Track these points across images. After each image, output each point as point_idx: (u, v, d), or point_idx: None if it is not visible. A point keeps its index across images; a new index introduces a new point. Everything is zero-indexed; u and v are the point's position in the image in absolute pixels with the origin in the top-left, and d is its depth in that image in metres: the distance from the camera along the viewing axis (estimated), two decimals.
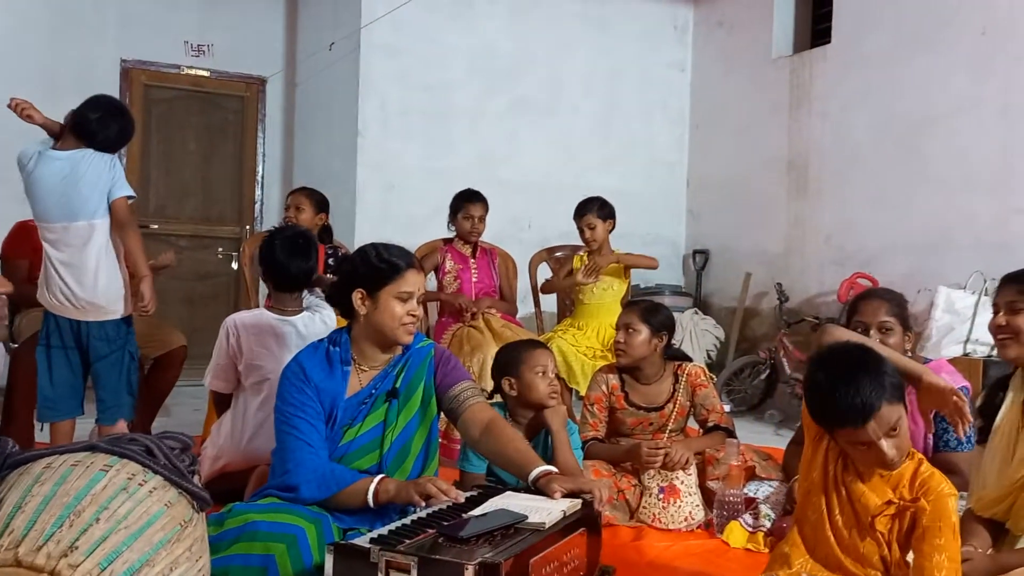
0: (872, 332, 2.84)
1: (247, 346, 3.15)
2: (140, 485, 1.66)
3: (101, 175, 3.31)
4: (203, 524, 1.79)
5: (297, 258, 3.20)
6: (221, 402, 3.33)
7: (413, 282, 2.41)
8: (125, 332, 3.43)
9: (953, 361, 3.84)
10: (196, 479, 1.84)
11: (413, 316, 2.41)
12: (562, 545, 1.96)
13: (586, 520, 2.09)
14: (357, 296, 2.42)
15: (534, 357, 2.90)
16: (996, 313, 2.25)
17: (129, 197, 3.37)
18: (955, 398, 2.16)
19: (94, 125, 3.32)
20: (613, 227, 4.81)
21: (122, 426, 3.40)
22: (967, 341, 4.65)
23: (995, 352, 4.50)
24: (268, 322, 3.20)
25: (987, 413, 2.30)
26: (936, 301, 4.83)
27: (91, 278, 3.30)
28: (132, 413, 3.55)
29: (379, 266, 2.43)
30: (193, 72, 6.82)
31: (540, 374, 2.86)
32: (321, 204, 4.51)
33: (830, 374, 1.87)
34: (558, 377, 4.39)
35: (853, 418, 1.82)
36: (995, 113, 5.02)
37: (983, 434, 2.31)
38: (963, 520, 2.15)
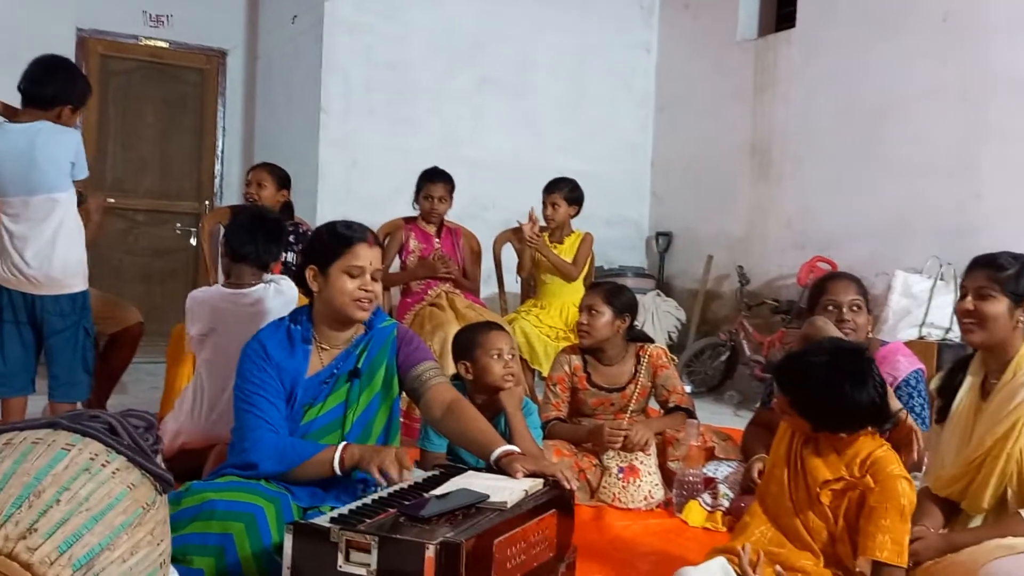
0: (844, 310, 2.88)
1: (199, 321, 3.12)
2: (103, 466, 1.62)
3: (62, 149, 3.23)
4: (165, 507, 1.76)
5: (262, 238, 3.18)
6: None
7: (364, 256, 2.36)
8: (80, 307, 3.36)
9: (909, 344, 3.91)
10: (159, 459, 1.81)
11: (366, 291, 2.35)
12: (530, 526, 1.95)
13: (557, 501, 2.09)
14: (309, 273, 2.39)
15: (490, 340, 2.88)
16: (963, 296, 2.25)
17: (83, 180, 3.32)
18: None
19: (41, 83, 3.24)
20: (576, 213, 4.84)
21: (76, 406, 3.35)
22: (923, 324, 4.74)
23: (949, 335, 4.61)
24: (222, 300, 3.16)
25: (946, 394, 2.34)
26: (893, 285, 4.91)
27: (47, 251, 3.23)
28: (88, 392, 3.49)
29: (328, 241, 2.40)
30: (152, 43, 6.67)
31: (495, 357, 2.85)
32: (283, 180, 4.45)
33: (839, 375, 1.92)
34: (520, 358, 4.42)
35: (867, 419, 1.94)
36: (955, 100, 5.09)
37: (941, 414, 2.35)
38: (918, 499, 2.19)
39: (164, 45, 6.71)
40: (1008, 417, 2.12)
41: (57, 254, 3.25)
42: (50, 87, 3.27)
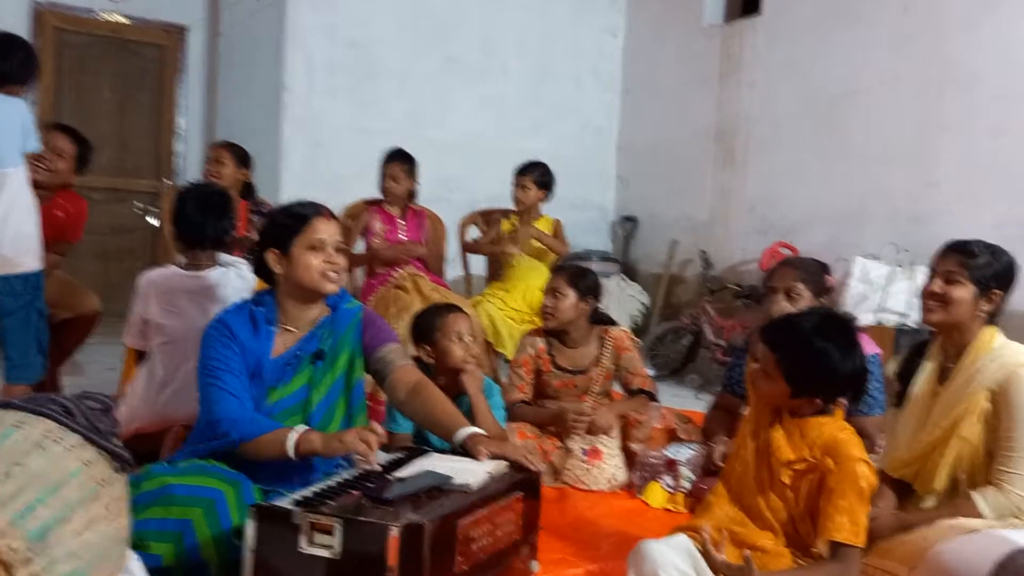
0: (779, 296, 2.93)
1: (154, 305, 3.06)
2: (55, 442, 1.61)
3: (8, 121, 3.13)
4: (123, 484, 1.74)
5: (211, 216, 3.10)
6: (142, 358, 3.24)
7: (323, 229, 2.34)
8: (33, 287, 3.28)
9: (866, 329, 3.98)
10: (116, 439, 1.78)
11: (331, 264, 2.33)
12: (495, 509, 1.96)
13: (524, 484, 2.10)
14: (271, 257, 2.36)
15: (449, 323, 2.88)
16: (931, 278, 2.28)
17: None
18: None
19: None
20: (546, 197, 4.86)
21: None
22: (880, 310, 4.82)
23: (906, 321, 4.69)
24: (179, 280, 3.09)
25: (904, 379, 2.38)
26: (852, 271, 4.98)
27: None
28: (43, 373, 3.42)
29: (285, 221, 2.38)
30: (109, 17, 6.51)
31: (456, 339, 2.85)
32: (243, 159, 4.38)
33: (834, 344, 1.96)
34: (485, 341, 4.42)
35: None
36: (914, 89, 5.16)
37: (899, 398, 2.39)
38: None
39: (122, 20, 6.55)
40: (963, 401, 2.17)
41: (8, 232, 3.14)
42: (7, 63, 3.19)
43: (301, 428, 2.19)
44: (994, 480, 2.12)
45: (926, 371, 2.31)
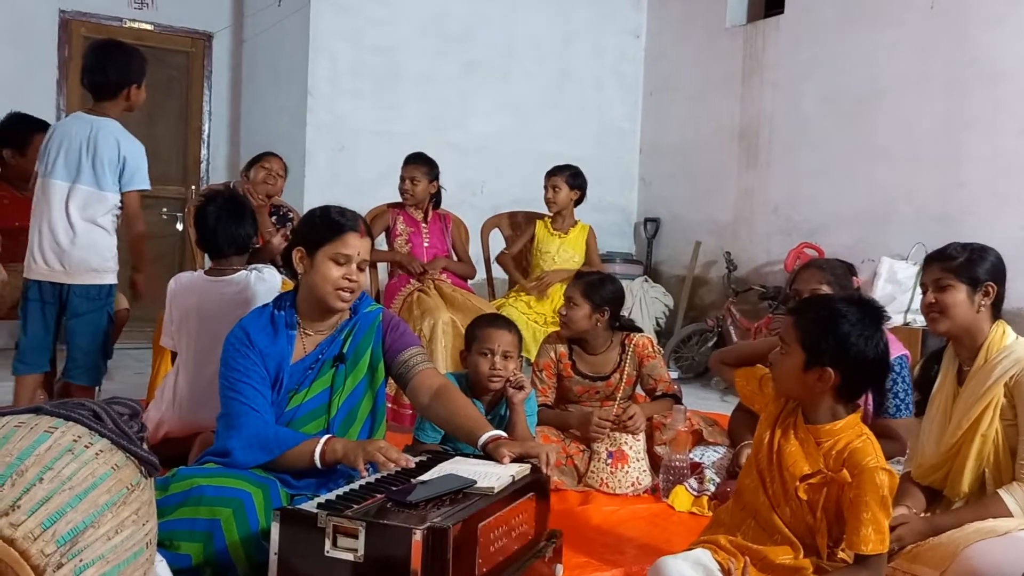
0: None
1: (179, 308, 3.11)
2: (86, 447, 1.63)
3: (113, 150, 3.34)
4: (151, 489, 1.77)
5: (231, 224, 3.15)
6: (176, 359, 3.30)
7: (353, 245, 2.35)
8: (107, 295, 3.44)
9: (894, 330, 3.94)
10: (144, 444, 1.81)
11: (349, 281, 2.34)
12: (510, 510, 1.96)
13: (535, 485, 2.10)
14: (296, 255, 2.38)
15: (483, 337, 2.86)
16: (924, 292, 2.31)
17: (142, 191, 3.44)
18: None
19: (99, 70, 3.36)
20: (580, 199, 4.86)
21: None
22: (908, 311, 4.77)
23: None
24: (204, 286, 3.14)
25: (923, 385, 2.37)
26: (879, 271, 4.93)
27: (81, 240, 3.33)
28: (103, 377, 3.58)
29: (319, 225, 2.39)
30: (136, 25, 6.60)
31: (485, 355, 2.84)
32: (286, 167, 4.49)
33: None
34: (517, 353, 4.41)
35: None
36: (940, 88, 5.11)
37: (920, 407, 2.38)
38: (901, 482, 2.21)
39: (149, 27, 6.64)
40: (982, 400, 2.15)
41: (87, 244, 3.34)
42: (109, 72, 3.38)
43: (324, 437, 2.22)
44: (1019, 476, 2.11)
45: (944, 376, 2.31)
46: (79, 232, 3.31)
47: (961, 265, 2.23)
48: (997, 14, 4.85)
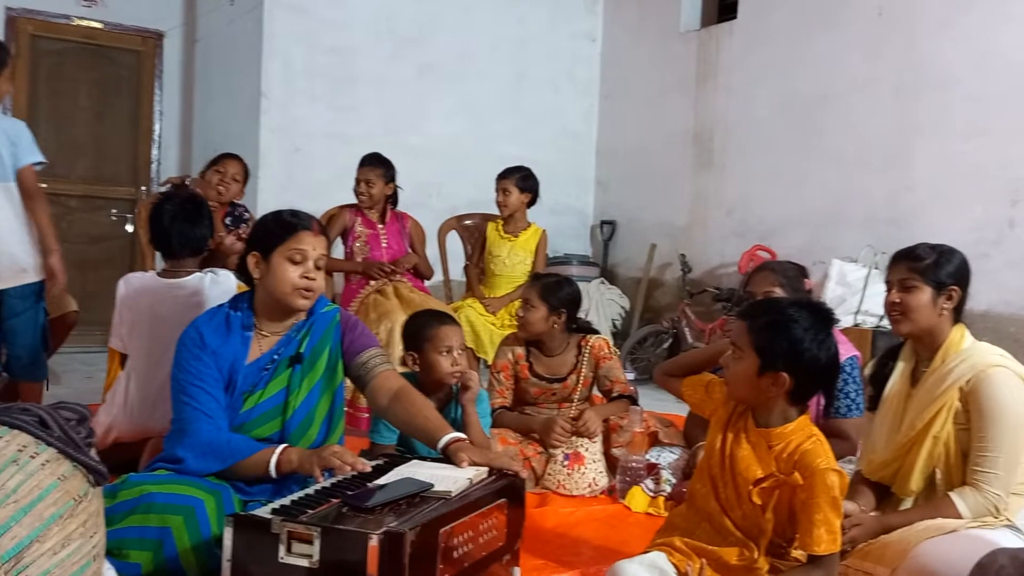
0: (758, 299, 2.93)
1: (130, 310, 3.05)
2: (31, 458, 1.58)
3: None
4: (99, 499, 1.72)
5: (186, 224, 3.11)
6: (126, 361, 3.23)
7: (308, 243, 2.32)
8: (39, 292, 3.44)
9: (844, 331, 4.01)
10: (93, 452, 1.77)
11: (307, 279, 2.31)
12: (478, 516, 1.94)
13: (508, 491, 2.09)
14: (251, 260, 2.35)
15: (439, 336, 2.84)
16: (889, 290, 2.31)
17: (37, 164, 3.32)
18: None
19: None
20: (531, 201, 4.82)
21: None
22: (857, 312, 4.86)
23: (883, 323, 4.74)
24: (156, 288, 3.08)
25: (877, 382, 2.39)
26: (829, 273, 5.02)
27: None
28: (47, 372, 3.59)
29: (271, 227, 2.36)
30: (85, 23, 6.46)
31: (444, 353, 2.83)
32: (247, 173, 4.43)
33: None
34: (466, 346, 4.41)
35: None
36: (889, 93, 5.21)
37: (873, 402, 2.40)
38: (852, 482, 2.24)
39: (98, 26, 6.50)
40: (936, 402, 2.18)
41: (14, 242, 3.29)
42: None
43: (279, 448, 2.19)
44: (970, 480, 2.14)
45: (899, 374, 2.33)
46: (2, 232, 3.26)
47: (929, 267, 2.23)
48: (943, 21, 4.96)
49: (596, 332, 3.61)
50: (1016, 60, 4.64)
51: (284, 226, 2.34)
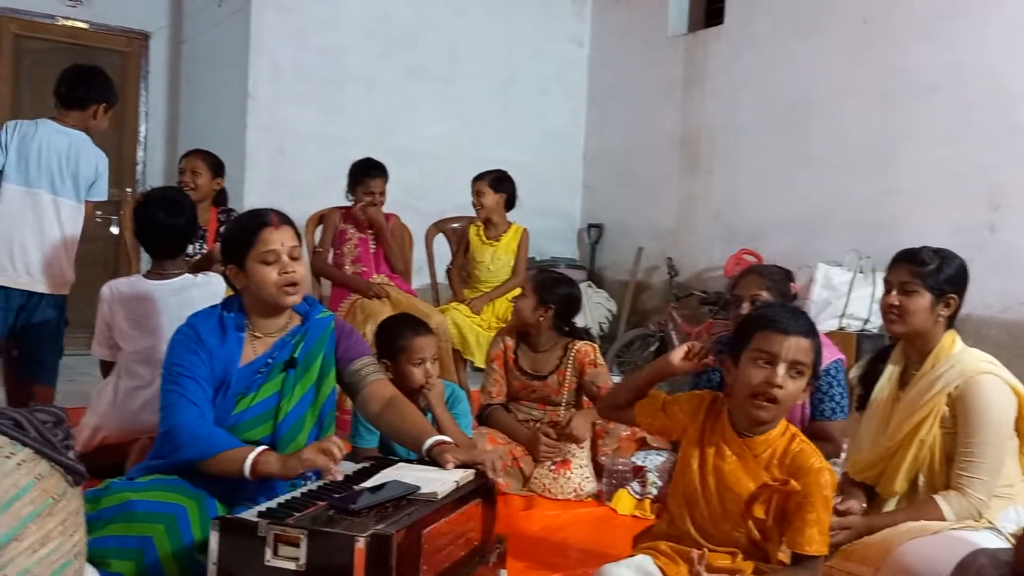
0: (744, 304, 2.94)
1: (120, 316, 3.03)
2: (7, 457, 1.57)
3: (90, 165, 3.68)
4: (78, 498, 1.71)
5: (173, 220, 3.10)
6: (108, 369, 3.21)
7: (274, 239, 2.30)
8: (66, 299, 3.68)
9: (829, 334, 4.03)
10: (71, 453, 1.75)
11: (287, 274, 2.29)
12: (456, 516, 1.95)
13: (481, 491, 2.09)
14: (230, 273, 2.36)
15: (413, 348, 2.86)
16: (888, 291, 2.31)
17: (101, 200, 3.82)
18: None
19: (65, 91, 3.73)
20: (508, 203, 4.81)
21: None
22: (842, 316, 4.88)
23: (868, 326, 4.76)
24: (143, 290, 3.07)
25: (867, 383, 2.41)
26: (815, 277, 5.04)
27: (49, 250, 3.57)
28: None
29: (236, 235, 2.36)
30: (69, 23, 6.42)
31: (417, 364, 2.84)
32: (218, 167, 4.33)
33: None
34: (452, 349, 4.42)
35: (786, 325, 1.91)
36: (873, 98, 5.25)
37: (861, 402, 2.42)
38: (841, 483, 2.26)
39: (83, 26, 6.46)
40: (924, 406, 2.20)
41: (68, 256, 3.63)
42: (86, 89, 3.73)
43: (259, 448, 2.14)
44: (954, 484, 2.16)
45: (888, 376, 2.34)
46: (66, 244, 3.60)
47: (930, 273, 2.23)
48: (926, 29, 5.00)
49: (590, 339, 3.59)
50: (996, 68, 4.68)
51: (246, 231, 2.33)
